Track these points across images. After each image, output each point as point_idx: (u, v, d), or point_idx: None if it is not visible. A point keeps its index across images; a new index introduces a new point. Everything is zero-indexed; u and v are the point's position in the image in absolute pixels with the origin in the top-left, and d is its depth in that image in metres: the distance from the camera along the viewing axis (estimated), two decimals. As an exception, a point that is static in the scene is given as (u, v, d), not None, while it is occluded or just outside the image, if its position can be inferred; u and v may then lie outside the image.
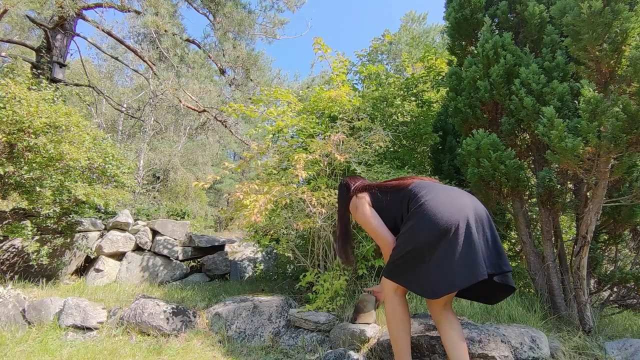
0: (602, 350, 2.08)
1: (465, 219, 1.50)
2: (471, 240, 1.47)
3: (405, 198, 1.71)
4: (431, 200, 1.57)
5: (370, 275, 3.07)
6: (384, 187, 1.87)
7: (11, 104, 3.03)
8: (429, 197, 1.59)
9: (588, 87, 1.99)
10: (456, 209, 1.53)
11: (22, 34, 9.27)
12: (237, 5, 7.78)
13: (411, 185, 1.75)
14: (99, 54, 13.22)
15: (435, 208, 1.53)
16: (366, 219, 1.80)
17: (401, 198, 1.73)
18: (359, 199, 1.87)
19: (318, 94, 3.86)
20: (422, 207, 1.57)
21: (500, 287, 1.67)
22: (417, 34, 14.47)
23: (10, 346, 2.27)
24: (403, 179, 1.87)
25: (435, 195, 1.60)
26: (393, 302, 1.72)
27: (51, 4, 5.93)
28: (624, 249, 2.96)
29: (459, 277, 1.45)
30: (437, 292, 1.47)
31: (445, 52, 3.81)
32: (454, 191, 1.68)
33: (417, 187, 1.70)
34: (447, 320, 1.64)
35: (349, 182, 2.04)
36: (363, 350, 2.23)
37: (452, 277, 1.45)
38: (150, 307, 2.66)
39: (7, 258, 3.58)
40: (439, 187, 1.69)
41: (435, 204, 1.55)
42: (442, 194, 1.62)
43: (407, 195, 1.71)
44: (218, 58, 7.84)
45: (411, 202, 1.66)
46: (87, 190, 3.43)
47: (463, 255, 1.46)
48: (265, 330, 2.70)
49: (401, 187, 1.78)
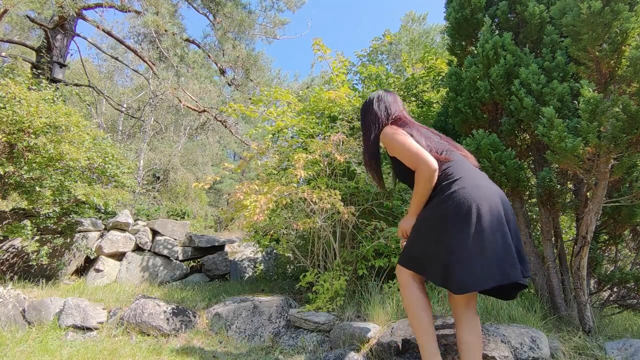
0: (602, 350, 2.08)
1: (502, 216, 1.38)
2: (505, 238, 1.36)
3: (440, 169, 1.52)
4: (470, 187, 1.41)
5: (370, 276, 3.07)
6: (425, 137, 1.61)
7: (11, 104, 3.03)
8: (467, 183, 1.43)
9: (588, 88, 1.99)
10: (495, 203, 1.39)
11: (22, 34, 9.27)
12: (237, 6, 7.78)
13: (452, 161, 1.55)
14: (99, 54, 13.24)
15: (473, 196, 1.38)
16: (404, 143, 1.55)
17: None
18: (394, 129, 1.62)
19: (318, 94, 3.86)
20: (459, 190, 1.40)
21: (515, 285, 1.52)
22: (417, 35, 14.48)
23: (10, 346, 2.27)
24: (449, 144, 1.64)
25: (474, 182, 1.44)
26: (411, 288, 1.55)
27: (51, 4, 5.92)
28: (624, 249, 2.96)
29: (488, 274, 1.31)
30: (464, 287, 1.32)
31: (445, 53, 3.81)
32: (491, 184, 1.52)
33: (457, 166, 1.52)
34: (467, 322, 1.48)
35: (388, 103, 1.76)
36: (363, 350, 2.23)
37: (482, 273, 1.31)
38: (150, 307, 2.66)
39: (7, 258, 3.58)
40: (477, 174, 1.53)
41: (474, 193, 1.39)
42: (480, 180, 1.47)
43: (442, 168, 1.52)
44: (218, 58, 7.85)
45: (445, 179, 1.49)
46: (86, 190, 3.43)
47: (497, 252, 1.33)
48: (265, 331, 2.70)
49: (440, 159, 1.55)
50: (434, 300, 2.71)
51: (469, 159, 1.68)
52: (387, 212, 3.14)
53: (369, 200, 3.08)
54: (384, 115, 1.76)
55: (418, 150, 1.51)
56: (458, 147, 1.71)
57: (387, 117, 1.76)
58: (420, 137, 1.60)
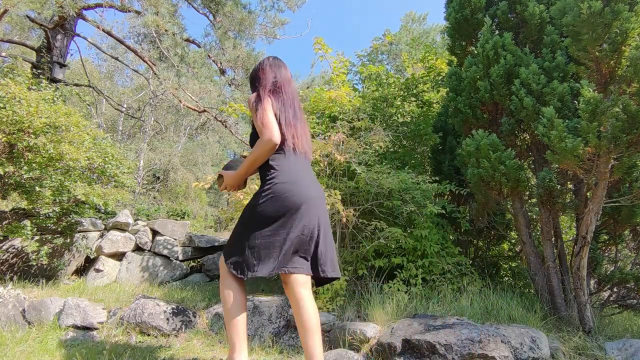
0: (602, 350, 2.08)
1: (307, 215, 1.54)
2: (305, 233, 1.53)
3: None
4: (284, 182, 1.54)
5: (370, 276, 3.07)
6: (286, 117, 1.64)
7: (11, 104, 3.03)
8: (282, 178, 1.55)
9: (588, 88, 1.99)
10: (305, 200, 1.53)
11: (22, 34, 9.27)
12: (237, 5, 7.78)
13: (282, 148, 1.60)
14: (99, 54, 13.22)
15: (285, 191, 1.53)
16: (260, 112, 1.58)
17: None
18: (260, 98, 1.63)
19: (318, 94, 3.86)
20: (274, 186, 1.54)
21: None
22: (417, 34, 14.48)
23: (10, 346, 2.26)
24: (288, 127, 1.63)
25: (289, 177, 1.56)
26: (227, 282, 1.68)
27: (51, 4, 5.92)
28: (624, 249, 2.96)
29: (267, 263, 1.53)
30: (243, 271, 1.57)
31: (446, 53, 3.81)
32: (313, 183, 1.64)
33: (281, 159, 1.60)
34: (297, 307, 1.62)
35: (272, 73, 1.74)
36: (363, 350, 2.23)
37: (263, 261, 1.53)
38: (150, 307, 2.66)
39: (7, 258, 3.57)
40: (300, 168, 1.62)
41: (286, 188, 1.53)
42: (298, 177, 1.58)
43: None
44: (218, 58, 7.84)
45: (269, 168, 1.59)
46: (86, 190, 3.42)
47: (282, 244, 1.51)
48: (265, 331, 2.70)
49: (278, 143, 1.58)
50: (434, 300, 2.71)
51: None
52: (387, 212, 3.14)
53: (369, 200, 3.08)
54: (268, 83, 1.72)
55: (269, 122, 1.55)
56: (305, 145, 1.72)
57: (269, 84, 1.72)
58: (283, 113, 1.63)
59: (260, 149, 1.56)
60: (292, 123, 1.63)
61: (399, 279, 2.93)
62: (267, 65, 1.77)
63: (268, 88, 1.68)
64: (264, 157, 1.59)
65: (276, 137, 1.53)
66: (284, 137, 1.60)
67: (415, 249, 3.03)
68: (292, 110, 1.67)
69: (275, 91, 1.68)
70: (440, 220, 3.38)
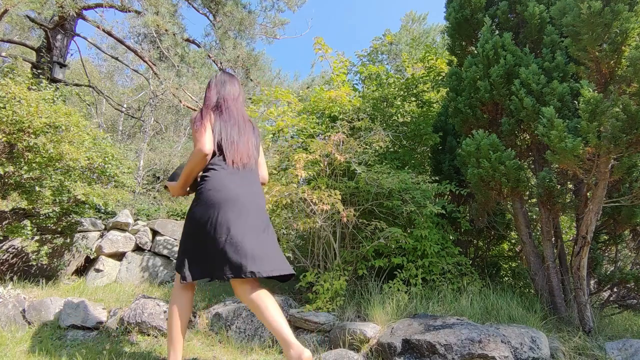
0: (602, 350, 2.08)
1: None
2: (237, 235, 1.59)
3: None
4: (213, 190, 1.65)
5: (370, 276, 3.07)
6: (225, 132, 1.74)
7: (11, 104, 3.03)
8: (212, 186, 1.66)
9: (588, 88, 1.99)
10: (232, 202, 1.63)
11: (22, 34, 9.26)
12: (237, 5, 7.78)
13: (212, 163, 1.71)
14: (99, 54, 13.23)
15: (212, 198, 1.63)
16: (198, 129, 1.69)
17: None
18: (200, 117, 1.73)
19: (318, 94, 3.86)
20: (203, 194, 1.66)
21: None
22: (417, 34, 14.48)
23: (10, 346, 2.26)
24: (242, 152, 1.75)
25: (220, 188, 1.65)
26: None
27: (51, 4, 5.92)
28: (624, 250, 2.96)
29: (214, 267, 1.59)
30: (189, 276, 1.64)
31: (446, 53, 3.81)
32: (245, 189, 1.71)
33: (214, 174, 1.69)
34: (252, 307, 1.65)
35: (217, 90, 1.85)
36: (363, 350, 2.23)
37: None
38: (150, 307, 2.66)
39: (7, 258, 3.57)
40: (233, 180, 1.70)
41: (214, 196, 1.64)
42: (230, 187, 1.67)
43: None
44: (218, 58, 7.84)
45: (201, 179, 1.71)
46: (86, 190, 3.42)
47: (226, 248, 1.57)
48: (265, 331, 2.70)
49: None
50: (434, 300, 2.71)
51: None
52: (387, 212, 3.14)
53: (369, 200, 3.08)
54: (211, 102, 1.83)
55: (201, 135, 1.66)
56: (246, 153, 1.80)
57: (212, 103, 1.83)
58: (224, 130, 1.75)
59: (192, 159, 1.68)
60: (233, 140, 1.74)
61: (399, 279, 2.93)
62: (213, 84, 1.88)
63: (210, 107, 1.79)
64: (197, 166, 1.69)
65: (206, 148, 1.64)
66: (223, 153, 1.70)
67: (415, 249, 3.03)
68: (237, 126, 1.78)
69: (217, 108, 1.79)
70: (440, 220, 3.39)
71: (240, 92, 1.92)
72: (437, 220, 3.34)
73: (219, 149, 1.71)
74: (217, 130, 1.72)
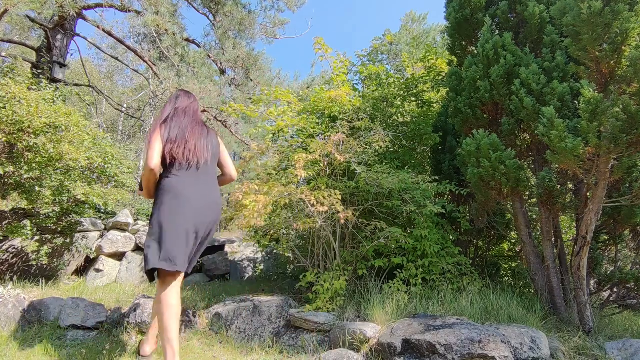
0: (602, 350, 2.08)
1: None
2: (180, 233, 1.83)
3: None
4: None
5: (370, 276, 3.07)
6: (171, 138, 1.96)
7: (11, 104, 3.03)
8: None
9: (588, 88, 1.99)
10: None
11: (22, 34, 9.25)
12: (237, 5, 7.78)
13: (173, 164, 1.93)
14: (99, 54, 13.23)
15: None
16: (148, 145, 1.92)
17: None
18: (151, 132, 1.97)
19: (318, 94, 3.85)
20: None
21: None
22: (417, 34, 14.48)
23: (10, 346, 2.27)
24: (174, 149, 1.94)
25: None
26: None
27: (51, 4, 5.91)
28: (624, 250, 2.96)
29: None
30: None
31: (446, 52, 3.81)
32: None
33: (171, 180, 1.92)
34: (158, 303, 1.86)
35: (168, 106, 2.11)
36: (363, 350, 2.23)
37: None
38: (150, 308, 2.65)
39: (7, 258, 3.57)
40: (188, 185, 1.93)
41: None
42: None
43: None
44: (218, 57, 7.84)
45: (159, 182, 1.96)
46: (86, 190, 3.43)
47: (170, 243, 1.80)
48: (265, 331, 2.70)
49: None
50: (434, 300, 2.71)
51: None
52: (387, 212, 3.14)
53: (369, 200, 3.08)
54: (163, 116, 2.07)
55: (149, 152, 1.89)
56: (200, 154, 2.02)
57: (163, 117, 2.06)
58: (171, 131, 1.97)
59: (143, 173, 1.94)
60: (181, 139, 1.96)
61: (399, 279, 2.93)
62: (168, 101, 2.15)
63: (161, 121, 2.01)
64: (149, 178, 1.94)
65: (152, 164, 1.87)
66: (172, 154, 1.93)
67: (415, 249, 3.03)
68: (187, 129, 2.01)
69: (168, 120, 2.02)
70: (440, 220, 3.38)
71: (192, 102, 2.18)
72: (437, 220, 3.34)
73: (170, 154, 1.93)
74: (166, 135, 1.94)
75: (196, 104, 2.19)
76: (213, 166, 2.13)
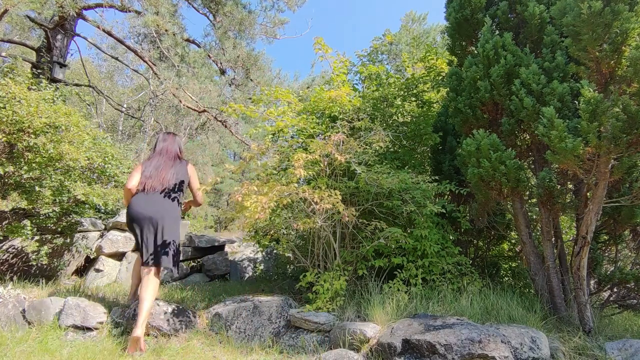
0: (602, 350, 2.08)
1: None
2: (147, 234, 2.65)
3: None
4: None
5: (370, 276, 3.07)
6: (146, 173, 2.75)
7: (11, 104, 3.03)
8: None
9: (588, 88, 1.99)
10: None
11: (22, 34, 9.26)
12: (237, 5, 7.77)
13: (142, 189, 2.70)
14: (99, 54, 13.24)
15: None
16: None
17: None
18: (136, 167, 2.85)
19: (318, 94, 3.85)
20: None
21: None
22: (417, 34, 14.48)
23: (10, 346, 2.26)
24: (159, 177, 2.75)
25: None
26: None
27: (51, 4, 5.92)
28: (624, 250, 2.96)
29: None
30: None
31: (446, 52, 3.81)
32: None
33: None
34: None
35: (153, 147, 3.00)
36: (363, 350, 2.23)
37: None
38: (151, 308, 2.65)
39: (7, 258, 3.58)
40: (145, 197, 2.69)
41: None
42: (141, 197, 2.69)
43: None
44: (218, 57, 7.83)
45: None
46: (86, 190, 3.43)
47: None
48: (265, 331, 2.70)
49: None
50: (434, 300, 2.72)
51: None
52: (387, 212, 3.14)
53: (369, 200, 3.08)
54: (153, 152, 2.95)
55: (130, 176, 2.74)
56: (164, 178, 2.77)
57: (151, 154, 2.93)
58: (147, 168, 2.77)
59: (123, 191, 2.80)
60: (149, 174, 2.72)
61: (399, 279, 2.93)
62: (156, 142, 2.97)
63: (147, 157, 2.87)
64: (127, 195, 2.71)
65: (128, 185, 2.69)
66: (143, 183, 2.69)
67: (415, 249, 3.03)
68: (158, 165, 2.78)
69: (150, 157, 2.86)
70: (440, 220, 3.38)
71: (169, 143, 2.91)
72: (437, 220, 3.34)
73: (142, 183, 2.70)
74: (145, 171, 2.75)
75: (173, 144, 2.91)
76: (178, 190, 2.81)
